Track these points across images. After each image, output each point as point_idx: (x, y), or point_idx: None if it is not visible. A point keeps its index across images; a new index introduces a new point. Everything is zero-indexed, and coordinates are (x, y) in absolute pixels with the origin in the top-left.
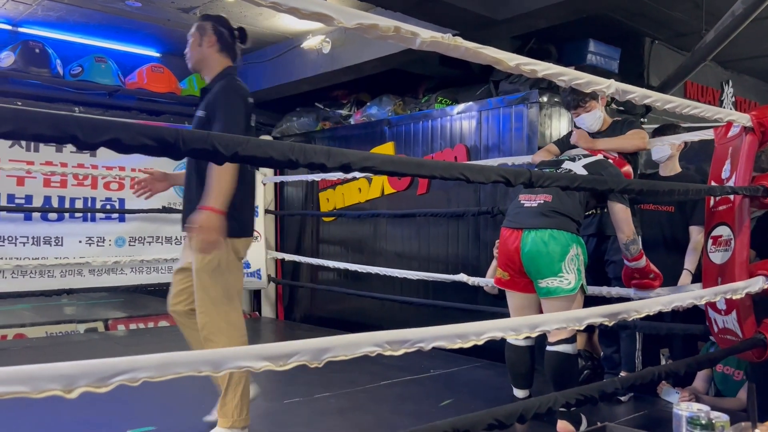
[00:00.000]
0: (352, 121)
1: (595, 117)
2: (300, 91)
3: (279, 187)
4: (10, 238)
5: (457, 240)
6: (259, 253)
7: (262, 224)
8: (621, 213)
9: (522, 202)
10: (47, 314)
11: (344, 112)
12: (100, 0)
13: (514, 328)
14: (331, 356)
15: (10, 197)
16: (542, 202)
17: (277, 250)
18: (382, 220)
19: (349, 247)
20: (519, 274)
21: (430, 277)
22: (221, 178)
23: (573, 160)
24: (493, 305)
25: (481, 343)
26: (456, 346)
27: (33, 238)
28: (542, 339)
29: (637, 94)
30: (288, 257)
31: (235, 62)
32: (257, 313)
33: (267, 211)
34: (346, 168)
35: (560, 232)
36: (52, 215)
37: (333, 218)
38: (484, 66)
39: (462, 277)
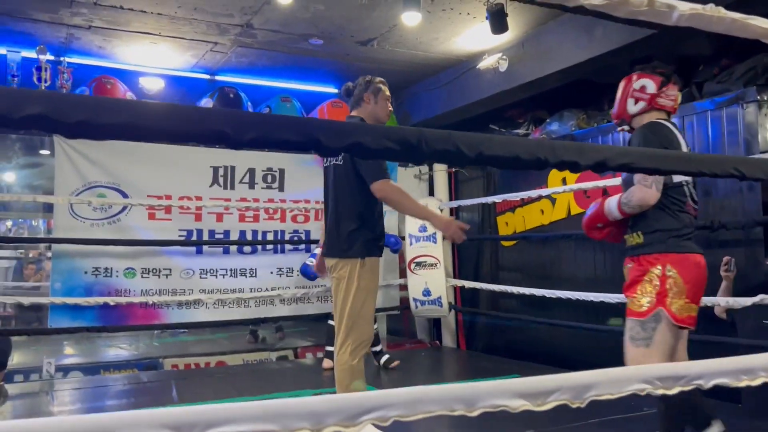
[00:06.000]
0: None
1: None
2: (473, 114)
3: (455, 213)
4: (212, 271)
5: None
6: (439, 281)
7: (441, 251)
8: None
9: None
10: (242, 343)
11: (521, 131)
12: (285, 42)
13: None
14: (595, 394)
15: (211, 233)
16: None
17: (455, 277)
18: (569, 243)
19: (530, 274)
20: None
21: None
22: None
23: None
24: (717, 334)
25: None
26: (742, 384)
27: (231, 270)
28: None
29: None
30: (468, 284)
31: None
32: (438, 342)
33: (444, 238)
34: (600, 166)
35: None
36: (247, 248)
37: (513, 242)
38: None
39: None
